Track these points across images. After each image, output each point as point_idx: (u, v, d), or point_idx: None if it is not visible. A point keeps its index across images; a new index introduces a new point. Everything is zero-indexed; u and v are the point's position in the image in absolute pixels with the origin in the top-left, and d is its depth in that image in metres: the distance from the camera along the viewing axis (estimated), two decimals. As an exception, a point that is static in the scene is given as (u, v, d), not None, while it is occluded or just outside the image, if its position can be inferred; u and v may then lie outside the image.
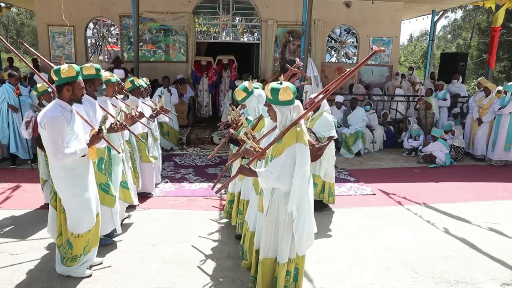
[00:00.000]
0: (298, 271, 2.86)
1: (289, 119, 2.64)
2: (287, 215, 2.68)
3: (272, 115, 2.75)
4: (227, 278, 3.32)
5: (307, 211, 2.65)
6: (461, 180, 6.38)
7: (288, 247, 2.73)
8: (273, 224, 2.75)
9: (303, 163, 2.57)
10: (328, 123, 4.57)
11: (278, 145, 2.63)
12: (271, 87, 2.61)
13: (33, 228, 4.17)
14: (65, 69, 2.97)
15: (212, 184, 5.74)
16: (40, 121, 2.93)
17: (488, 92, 7.65)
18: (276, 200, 2.71)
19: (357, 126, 7.90)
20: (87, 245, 3.24)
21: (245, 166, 2.75)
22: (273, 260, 2.81)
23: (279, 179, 2.58)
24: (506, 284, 3.36)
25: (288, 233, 2.70)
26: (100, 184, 3.55)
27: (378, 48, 2.43)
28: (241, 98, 3.70)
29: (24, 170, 6.35)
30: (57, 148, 2.89)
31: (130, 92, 4.94)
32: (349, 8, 10.90)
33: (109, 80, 4.03)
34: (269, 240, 2.78)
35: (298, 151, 2.57)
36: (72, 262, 3.20)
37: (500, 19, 9.19)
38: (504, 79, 21.79)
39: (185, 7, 10.36)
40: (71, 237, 3.16)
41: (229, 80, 10.34)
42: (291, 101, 2.62)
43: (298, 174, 2.56)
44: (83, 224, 3.15)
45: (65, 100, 3.02)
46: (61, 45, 10.43)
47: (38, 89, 4.80)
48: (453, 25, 35.64)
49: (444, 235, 4.31)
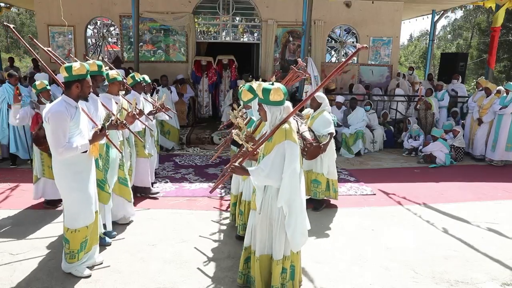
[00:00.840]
0: (294, 268, 2.89)
1: (279, 118, 2.73)
2: (280, 212, 2.73)
3: (262, 115, 2.82)
4: (227, 278, 3.32)
5: (298, 208, 2.69)
6: (461, 180, 6.38)
7: (282, 244, 2.77)
8: (266, 222, 2.79)
9: (292, 160, 2.64)
10: (327, 121, 4.59)
11: (269, 144, 2.72)
12: (262, 87, 2.69)
13: (33, 228, 4.17)
14: (76, 66, 3.07)
15: (211, 184, 5.79)
16: (45, 116, 3.01)
17: (489, 92, 7.64)
18: (269, 198, 2.76)
19: (357, 126, 7.89)
20: (85, 241, 3.26)
21: (237, 165, 2.80)
22: (269, 256, 2.86)
23: (269, 176, 2.65)
24: (506, 284, 3.36)
25: (282, 230, 2.75)
26: (96, 180, 3.57)
27: (361, 45, 2.46)
28: (247, 99, 3.71)
29: (24, 170, 6.34)
30: (58, 142, 2.97)
31: (132, 87, 4.94)
32: (349, 8, 10.90)
33: (115, 78, 4.07)
34: (264, 238, 2.82)
35: (287, 148, 2.64)
36: (71, 258, 3.23)
37: (500, 19, 9.19)
38: (504, 79, 21.79)
39: (185, 7, 10.36)
40: (67, 233, 3.19)
41: (229, 80, 10.34)
42: (281, 102, 2.70)
43: (287, 170, 2.63)
44: (79, 219, 3.18)
45: (72, 97, 3.10)
46: (61, 45, 10.43)
47: (36, 86, 4.78)
48: (453, 25, 35.64)
49: (444, 235, 4.31)
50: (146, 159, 5.05)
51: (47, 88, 4.78)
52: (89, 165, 3.26)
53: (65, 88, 3.12)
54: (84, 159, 3.19)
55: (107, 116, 3.22)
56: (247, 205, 3.76)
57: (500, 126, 7.33)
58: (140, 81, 5.01)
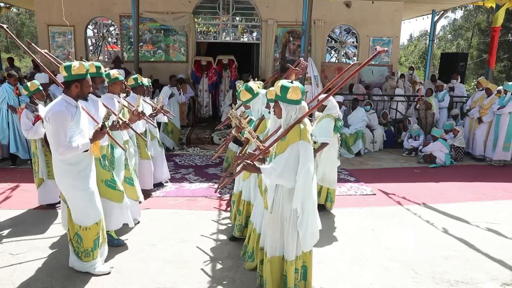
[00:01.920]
0: (306, 269, 2.88)
1: (294, 118, 2.68)
2: (292, 212, 2.70)
3: (277, 112, 2.77)
4: (227, 278, 3.32)
5: (310, 208, 2.67)
6: (461, 180, 6.38)
7: (294, 244, 2.75)
8: (278, 222, 2.77)
9: (306, 160, 2.60)
10: (325, 129, 4.40)
11: (282, 143, 2.67)
12: (281, 84, 2.65)
13: (33, 228, 4.17)
14: (75, 66, 3.05)
15: (211, 183, 5.79)
16: (45, 115, 3.00)
17: (490, 93, 7.65)
18: (280, 198, 2.74)
19: (357, 126, 7.89)
20: (97, 238, 3.27)
21: (249, 163, 2.76)
22: (281, 257, 2.83)
23: (281, 175, 2.62)
24: (506, 284, 3.36)
25: (294, 230, 2.72)
26: (105, 181, 3.56)
27: (381, 48, 2.44)
28: (246, 99, 3.70)
29: (24, 170, 6.35)
30: (59, 142, 2.96)
31: (133, 89, 4.93)
32: (349, 8, 10.90)
33: (116, 78, 4.06)
34: (276, 238, 2.80)
35: (301, 149, 2.60)
36: (87, 257, 3.24)
37: (500, 19, 9.19)
38: (504, 79, 21.79)
39: (185, 7, 10.36)
40: (80, 230, 3.20)
41: (229, 80, 10.34)
42: (298, 101, 2.65)
43: (301, 171, 2.60)
44: (88, 216, 3.20)
45: (72, 96, 3.09)
46: (61, 45, 10.43)
47: (29, 88, 4.71)
48: (453, 25, 35.63)
49: (444, 235, 4.31)
50: (149, 161, 5.06)
51: (39, 89, 4.74)
52: (91, 163, 3.26)
53: (64, 88, 3.12)
54: (86, 157, 3.19)
55: (107, 114, 3.20)
56: (246, 206, 3.76)
57: (499, 126, 7.34)
58: (142, 84, 5.01)
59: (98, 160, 3.51)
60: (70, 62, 3.11)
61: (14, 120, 6.52)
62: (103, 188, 3.53)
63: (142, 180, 5.03)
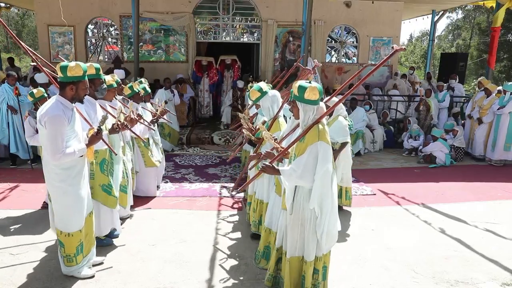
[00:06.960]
0: (326, 269, 2.88)
1: (311, 118, 2.67)
2: (312, 213, 2.69)
3: (295, 112, 2.77)
4: (227, 278, 3.32)
5: (329, 209, 2.66)
6: (461, 180, 6.38)
7: (315, 245, 2.75)
8: (298, 223, 2.76)
9: (325, 161, 2.59)
10: (343, 128, 4.40)
11: (301, 144, 2.67)
12: (298, 84, 2.65)
13: (33, 228, 4.17)
14: (72, 67, 2.87)
15: (211, 184, 5.79)
16: (40, 119, 2.83)
17: (489, 93, 7.65)
18: (301, 199, 2.73)
19: (357, 126, 7.88)
20: (81, 244, 3.17)
21: (268, 165, 2.76)
22: (300, 258, 2.82)
23: (301, 177, 2.62)
24: (506, 284, 3.36)
25: (314, 231, 2.72)
26: (102, 185, 3.54)
27: (398, 47, 2.39)
28: (255, 98, 3.72)
29: (24, 170, 6.35)
30: (57, 147, 2.82)
31: (130, 98, 4.79)
32: (349, 8, 10.90)
33: (111, 85, 3.94)
34: (295, 239, 2.79)
35: (320, 149, 2.60)
36: (69, 262, 3.15)
37: (500, 19, 9.19)
38: (504, 79, 21.79)
39: (185, 7, 10.36)
40: (61, 236, 3.10)
41: (231, 81, 10.32)
42: (315, 102, 2.65)
43: (320, 172, 2.59)
44: (71, 223, 3.08)
45: (67, 98, 2.93)
46: (61, 45, 10.43)
47: (34, 95, 4.63)
48: (453, 25, 35.61)
49: (444, 235, 4.31)
50: (154, 168, 5.06)
51: (44, 96, 4.67)
52: (83, 168, 3.14)
53: (59, 89, 2.95)
54: (79, 162, 3.06)
55: (103, 118, 3.13)
56: (259, 204, 3.81)
57: (498, 126, 7.34)
58: (138, 92, 4.81)
59: (98, 164, 3.49)
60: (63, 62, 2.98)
61: (14, 120, 6.52)
62: (99, 191, 3.51)
63: (147, 188, 5.09)
